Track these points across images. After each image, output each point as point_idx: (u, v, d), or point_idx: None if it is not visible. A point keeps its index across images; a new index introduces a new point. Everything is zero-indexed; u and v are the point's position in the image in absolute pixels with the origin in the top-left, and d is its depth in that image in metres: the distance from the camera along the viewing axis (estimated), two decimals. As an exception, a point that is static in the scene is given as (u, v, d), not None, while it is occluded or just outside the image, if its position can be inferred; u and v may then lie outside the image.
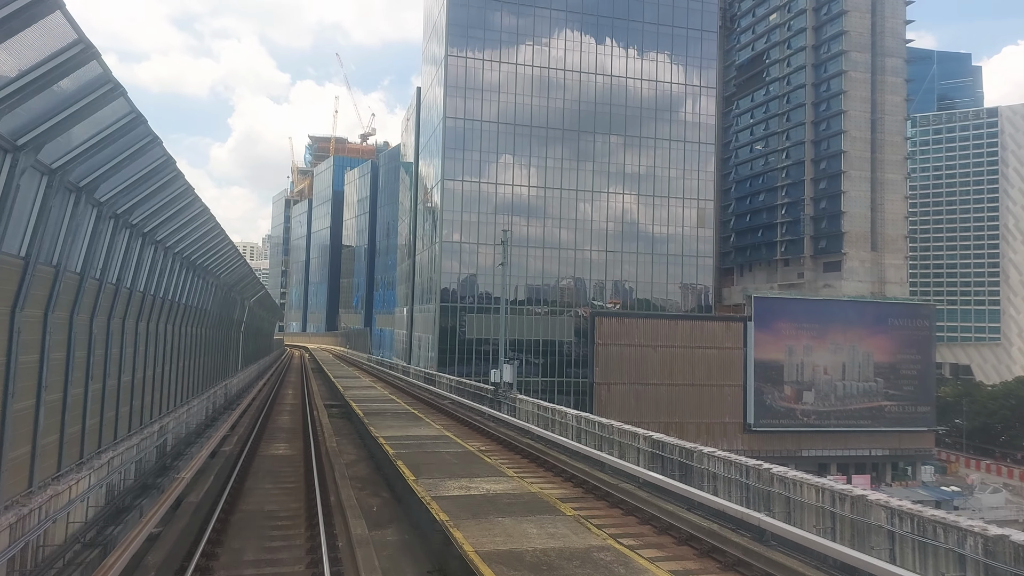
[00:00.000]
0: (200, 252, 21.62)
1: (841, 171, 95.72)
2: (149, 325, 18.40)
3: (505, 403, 26.84)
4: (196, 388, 26.10)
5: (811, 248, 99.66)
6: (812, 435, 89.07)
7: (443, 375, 38.99)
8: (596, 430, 18.83)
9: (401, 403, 31.33)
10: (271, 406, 32.53)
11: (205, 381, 27.80)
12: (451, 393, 35.46)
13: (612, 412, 79.91)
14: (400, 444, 20.06)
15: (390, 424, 24.50)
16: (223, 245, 24.24)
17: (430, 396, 35.07)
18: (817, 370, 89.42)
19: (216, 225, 21.32)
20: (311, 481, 16.13)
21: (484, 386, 30.89)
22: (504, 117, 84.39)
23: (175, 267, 19.41)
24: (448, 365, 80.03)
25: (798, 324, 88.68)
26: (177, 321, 21.46)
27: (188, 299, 22.41)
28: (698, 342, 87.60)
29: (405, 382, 45.79)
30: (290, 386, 46.12)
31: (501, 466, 17.04)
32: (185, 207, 17.27)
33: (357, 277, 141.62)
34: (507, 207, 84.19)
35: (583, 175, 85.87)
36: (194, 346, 25.39)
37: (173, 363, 21.65)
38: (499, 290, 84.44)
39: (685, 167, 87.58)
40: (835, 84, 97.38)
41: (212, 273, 25.37)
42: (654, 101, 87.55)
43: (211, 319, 28.00)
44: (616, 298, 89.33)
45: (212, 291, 26.37)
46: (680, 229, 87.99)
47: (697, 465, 14.29)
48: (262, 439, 23.22)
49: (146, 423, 18.29)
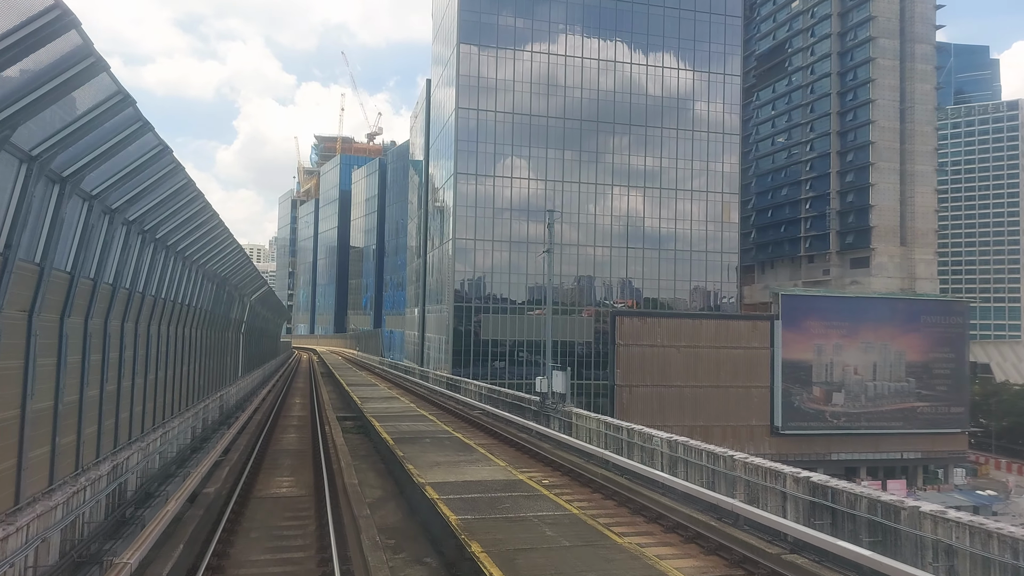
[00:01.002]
0: (177, 230, 16.66)
1: (869, 163, 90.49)
2: (108, 324, 13.39)
3: (556, 418, 21.85)
4: (181, 402, 21.11)
5: (837, 243, 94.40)
6: (842, 438, 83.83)
7: (470, 381, 33.94)
8: (706, 462, 13.79)
9: (434, 420, 25.36)
10: (275, 420, 27.48)
11: (193, 393, 22.81)
12: (481, 402, 30.47)
13: (634, 415, 74.91)
14: (465, 505, 13.15)
15: (434, 459, 17.87)
16: (211, 224, 19.24)
17: (459, 407, 29.98)
18: (847, 370, 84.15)
19: (199, 195, 16.33)
20: (326, 541, 11.17)
21: (524, 396, 25.92)
22: (519, 108, 79.37)
23: (138, 243, 14.40)
24: (463, 367, 75.14)
25: (827, 322, 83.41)
26: (150, 319, 16.46)
27: (166, 292, 17.45)
28: (723, 342, 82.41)
29: (426, 388, 40.70)
30: (297, 394, 41.04)
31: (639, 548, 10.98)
32: (150, 159, 12.27)
33: (366, 278, 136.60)
34: (523, 203, 79.12)
35: (602, 169, 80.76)
36: (177, 351, 20.41)
37: (145, 374, 16.67)
38: (514, 290, 79.41)
39: (708, 159, 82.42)
40: (862, 72, 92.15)
41: (197, 261, 20.41)
42: (675, 91, 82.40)
43: (200, 317, 23.03)
44: (629, 298, 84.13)
45: (199, 282, 21.44)
46: (703, 224, 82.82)
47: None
48: (261, 469, 18.13)
49: (103, 455, 13.32)
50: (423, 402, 32.49)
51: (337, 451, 19.59)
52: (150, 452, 14.67)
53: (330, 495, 13.88)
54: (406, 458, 17.75)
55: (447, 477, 15.61)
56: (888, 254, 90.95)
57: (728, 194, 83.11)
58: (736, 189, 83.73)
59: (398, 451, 18.77)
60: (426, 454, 18.59)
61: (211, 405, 24.23)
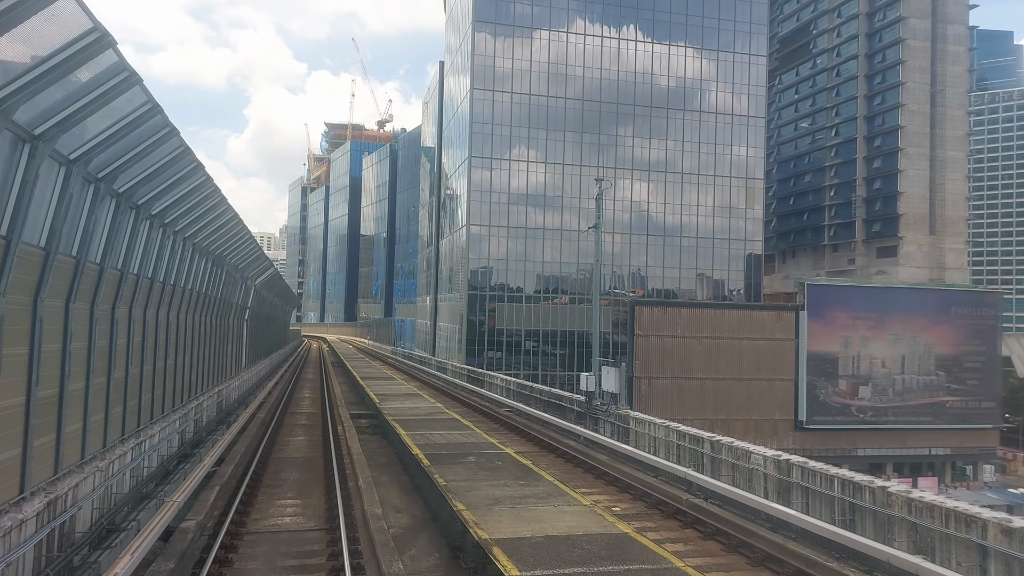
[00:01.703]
0: (162, 197, 13.19)
1: (898, 148, 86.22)
2: (42, 303, 9.92)
3: (607, 422, 18.36)
4: (167, 401, 17.67)
5: (863, 232, 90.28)
6: (867, 433, 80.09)
7: (494, 375, 30.37)
8: (839, 492, 10.24)
9: (470, 426, 20.91)
10: (280, 419, 24.08)
11: (185, 390, 19.39)
12: (509, 399, 26.98)
13: (654, 408, 71.56)
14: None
15: (489, 491, 13.42)
16: (206, 192, 15.77)
17: (485, 404, 26.50)
18: (875, 363, 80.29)
19: (190, 155, 12.83)
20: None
21: (563, 394, 22.45)
22: (535, 90, 75.47)
23: (114, 210, 10.90)
24: (476, 356, 71.84)
25: (855, 313, 79.53)
26: (117, 299, 12.99)
27: (143, 266, 13.99)
28: (746, 333, 78.70)
29: (444, 381, 37.21)
30: (307, 386, 37.62)
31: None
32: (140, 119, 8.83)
33: (376, 265, 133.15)
34: (539, 189, 75.36)
35: (621, 154, 76.84)
36: (162, 340, 16.96)
37: (120, 366, 13.22)
38: (530, 278, 75.71)
39: (732, 144, 78.37)
40: (891, 54, 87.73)
41: (184, 231, 16.93)
42: (697, 73, 78.27)
43: (193, 300, 19.59)
44: (642, 287, 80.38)
45: (190, 257, 17.99)
46: (725, 212, 78.86)
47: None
48: (260, 486, 14.65)
49: (36, 485, 9.86)
50: (446, 399, 28.94)
51: (353, 461, 16.14)
52: (115, 472, 11.22)
53: (347, 534, 10.38)
54: (451, 490, 13.36)
55: (518, 528, 11.09)
56: (917, 243, 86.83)
57: (752, 180, 79.13)
58: (761, 175, 79.74)
59: (437, 476, 14.45)
60: (476, 483, 14.07)
61: (206, 403, 20.80)
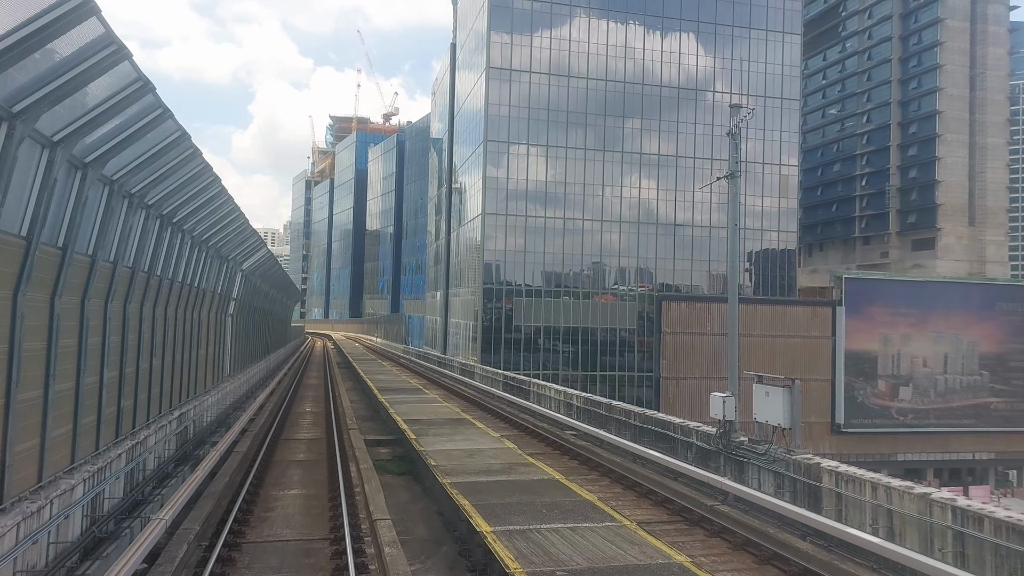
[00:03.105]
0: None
1: (935, 134, 79.31)
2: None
3: (768, 471, 11.59)
4: (86, 446, 10.76)
5: (897, 223, 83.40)
6: (907, 437, 73.23)
7: (546, 384, 23.17)
8: None
9: (607, 509, 11.83)
10: (270, 453, 17.03)
11: (110, 427, 12.46)
12: (571, 417, 20.05)
13: (681, 410, 64.91)
14: None
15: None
16: (154, 113, 9.29)
17: (544, 426, 19.46)
18: (916, 362, 73.49)
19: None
20: None
21: (668, 419, 15.67)
22: (556, 70, 68.44)
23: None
24: (492, 355, 65.14)
25: (894, 309, 72.62)
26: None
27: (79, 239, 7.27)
28: (780, 330, 71.85)
29: (475, 390, 30.01)
30: (308, 397, 30.46)
31: None
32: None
33: (382, 260, 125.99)
34: (559, 175, 68.37)
35: (647, 137, 69.85)
36: (85, 340, 10.13)
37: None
38: (550, 271, 68.71)
39: (766, 128, 71.35)
40: (928, 35, 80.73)
41: (122, 177, 10.11)
42: (727, 52, 71.20)
43: (145, 286, 12.68)
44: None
45: (122, 209, 11.16)
46: (757, 200, 71.92)
47: None
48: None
49: None
50: (496, 420, 20.89)
51: (382, 554, 9.17)
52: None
53: None
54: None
55: None
56: (955, 235, 79.95)
57: (786, 166, 72.16)
58: (795, 161, 72.76)
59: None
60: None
61: (152, 441, 13.89)
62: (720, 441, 13.32)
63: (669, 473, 13.90)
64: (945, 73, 78.99)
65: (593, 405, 19.02)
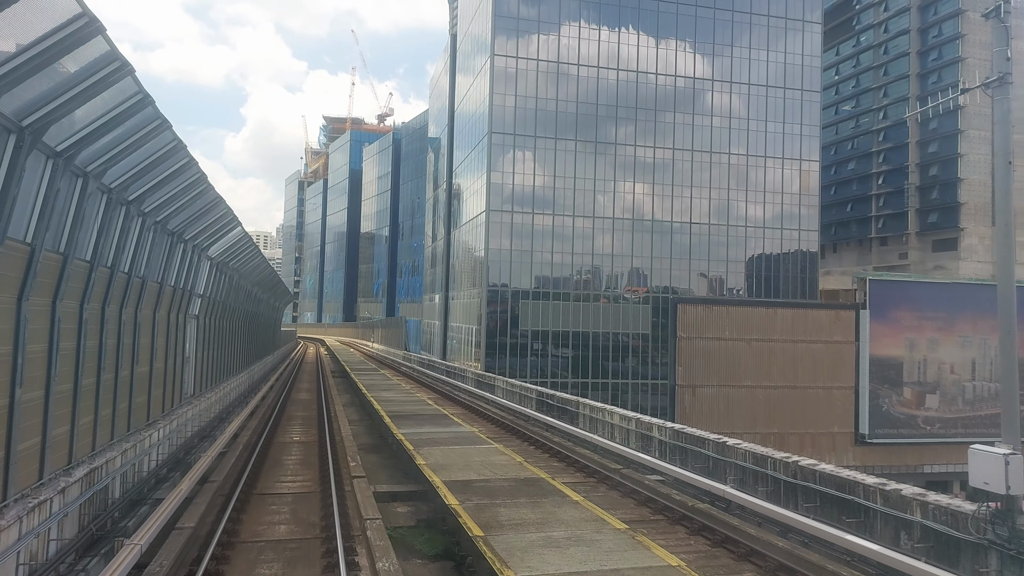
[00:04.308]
0: None
1: (958, 130, 74.44)
2: None
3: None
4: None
5: (917, 223, 78.39)
6: (934, 447, 68.00)
7: (608, 409, 17.12)
8: None
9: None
10: (228, 539, 11.17)
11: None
12: (658, 458, 14.22)
13: (698, 420, 59.42)
14: None
15: None
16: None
17: (624, 475, 13.53)
18: (943, 368, 68.30)
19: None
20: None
21: (836, 474, 10.10)
22: (565, 57, 62.99)
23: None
24: (496, 360, 59.57)
25: (920, 313, 67.41)
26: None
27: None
28: (800, 335, 66.51)
29: (510, 412, 23.91)
30: (296, 426, 23.84)
31: None
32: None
33: (377, 262, 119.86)
34: (568, 168, 62.85)
35: (662, 130, 64.45)
36: None
37: None
38: (562, 272, 63.11)
39: (786, 120, 66.17)
40: (949, 28, 75.98)
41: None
42: (746, 42, 66.00)
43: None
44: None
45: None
46: (777, 197, 66.67)
47: None
48: None
49: None
50: (619, 499, 12.35)
51: None
52: None
53: None
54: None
55: None
56: (979, 235, 74.99)
57: (807, 161, 66.94)
58: (816, 155, 67.53)
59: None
60: None
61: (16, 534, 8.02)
62: (991, 526, 7.80)
63: (871, 567, 8.28)
64: (967, 67, 74.10)
65: (692, 442, 13.35)
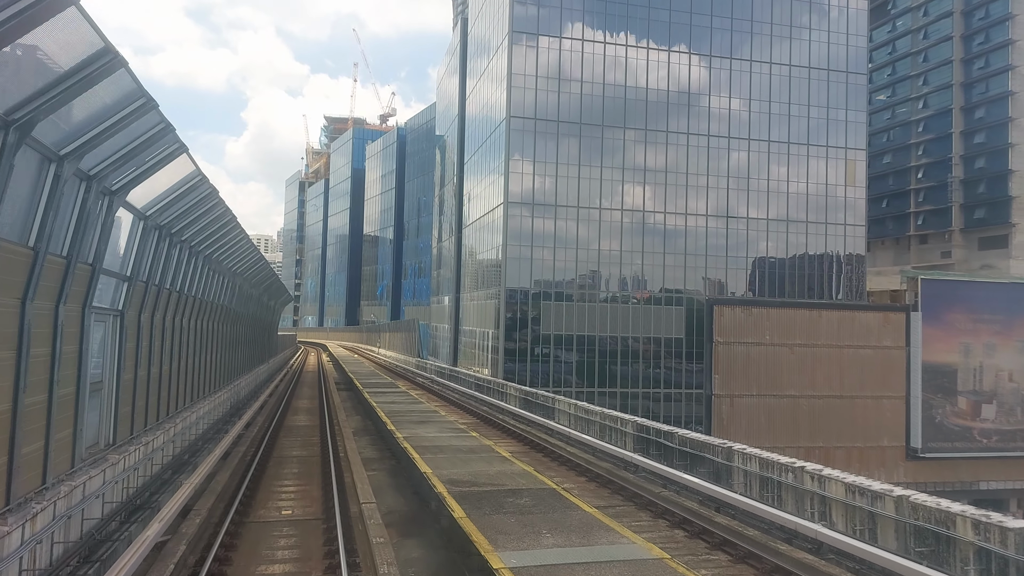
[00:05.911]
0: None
1: (1008, 118, 67.61)
2: None
3: None
4: None
5: (961, 220, 71.47)
6: (990, 462, 60.82)
7: (820, 470, 10.31)
8: None
9: None
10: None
11: None
12: (906, 559, 7.47)
13: (737, 433, 52.32)
14: None
15: None
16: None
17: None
18: (1001, 376, 61.19)
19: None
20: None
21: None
22: (589, 35, 56.07)
23: None
24: (517, 364, 52.67)
25: (976, 315, 60.34)
26: None
27: None
28: (847, 339, 59.34)
29: (597, 453, 16.53)
30: (288, 485, 16.64)
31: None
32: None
33: (381, 264, 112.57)
34: (593, 151, 55.82)
35: (695, 114, 57.51)
36: None
37: None
38: (586, 272, 56.05)
39: (830, 106, 59.23)
40: (996, 8, 69.15)
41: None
42: (786, 19, 59.11)
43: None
44: (741, 275, 61.09)
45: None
46: (821, 188, 59.70)
47: None
48: None
49: None
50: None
51: None
52: None
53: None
54: None
55: None
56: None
57: (853, 150, 59.97)
58: (863, 144, 60.57)
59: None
60: None
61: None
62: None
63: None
64: (1018, 50, 67.39)
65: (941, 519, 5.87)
